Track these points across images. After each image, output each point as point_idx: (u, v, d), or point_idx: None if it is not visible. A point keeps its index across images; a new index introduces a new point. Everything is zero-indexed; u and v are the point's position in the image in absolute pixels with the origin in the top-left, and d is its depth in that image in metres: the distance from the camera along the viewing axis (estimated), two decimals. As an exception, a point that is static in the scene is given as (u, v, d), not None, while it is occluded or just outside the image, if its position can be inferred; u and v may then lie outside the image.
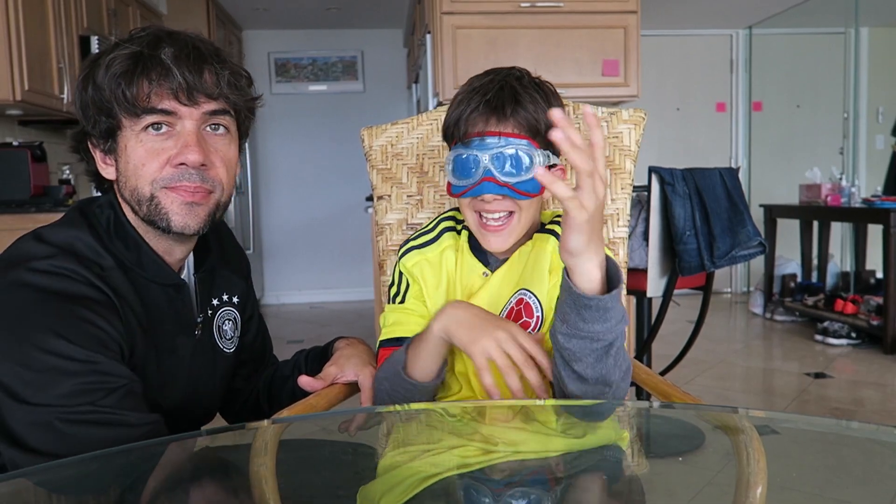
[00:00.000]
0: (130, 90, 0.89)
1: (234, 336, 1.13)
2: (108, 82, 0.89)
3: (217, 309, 1.09)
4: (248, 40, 5.83)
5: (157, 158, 0.91)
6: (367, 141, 1.32)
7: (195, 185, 0.92)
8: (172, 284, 0.98)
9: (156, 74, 0.89)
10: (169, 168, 0.92)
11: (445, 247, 1.12)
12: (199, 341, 1.04)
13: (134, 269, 0.94)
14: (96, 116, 0.92)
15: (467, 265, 1.11)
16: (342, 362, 1.15)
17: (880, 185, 5.24)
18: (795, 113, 6.03)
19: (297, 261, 6.06)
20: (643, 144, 1.23)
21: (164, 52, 0.90)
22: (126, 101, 0.89)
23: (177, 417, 1.00)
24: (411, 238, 1.16)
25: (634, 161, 1.23)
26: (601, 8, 3.60)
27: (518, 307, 1.05)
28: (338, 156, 5.92)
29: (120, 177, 0.94)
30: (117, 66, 0.89)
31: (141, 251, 0.95)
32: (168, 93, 0.90)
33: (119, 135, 0.92)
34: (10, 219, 2.92)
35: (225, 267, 1.12)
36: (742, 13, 5.51)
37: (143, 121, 0.90)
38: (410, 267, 1.12)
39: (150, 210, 0.93)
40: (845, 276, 5.00)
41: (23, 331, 0.82)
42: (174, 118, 0.91)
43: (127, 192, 0.94)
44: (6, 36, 2.92)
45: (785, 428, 0.90)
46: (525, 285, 1.06)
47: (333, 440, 0.87)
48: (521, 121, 1.00)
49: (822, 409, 3.00)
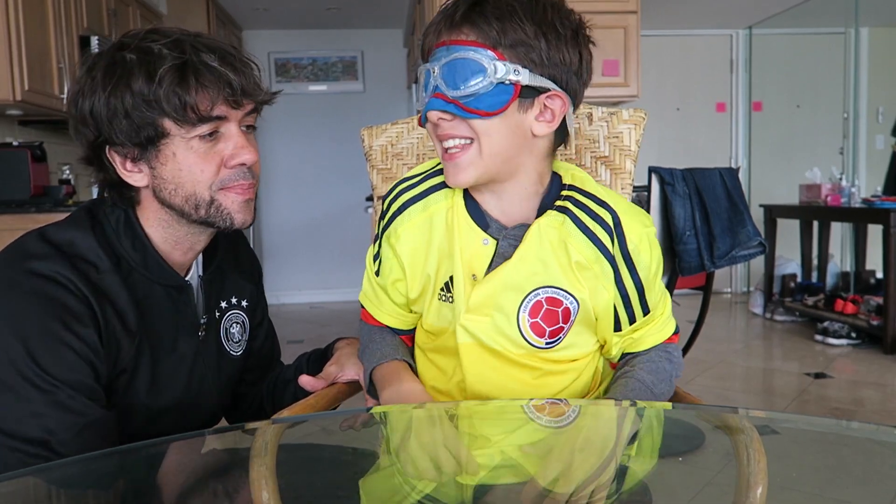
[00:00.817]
0: (188, 100, 0.89)
1: (241, 339, 1.14)
2: (160, 93, 0.88)
3: (225, 311, 1.10)
4: (248, 40, 5.83)
5: (212, 162, 0.94)
6: (367, 141, 1.32)
7: (249, 182, 0.97)
8: (175, 286, 1.00)
9: (209, 82, 0.90)
10: (225, 170, 0.95)
11: (434, 210, 0.96)
12: (204, 342, 1.05)
13: (138, 269, 0.96)
14: (132, 125, 0.90)
15: (464, 231, 0.94)
16: (343, 361, 1.16)
17: (880, 185, 5.24)
18: (795, 113, 6.03)
19: (297, 261, 6.06)
20: (643, 144, 1.23)
21: (209, 57, 0.90)
22: (182, 111, 0.89)
23: (178, 417, 1.01)
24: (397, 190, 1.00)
25: (634, 161, 1.23)
26: (601, 8, 3.60)
27: (541, 302, 0.93)
28: (338, 156, 5.92)
29: (162, 183, 0.94)
30: (168, 76, 0.88)
31: (146, 252, 0.97)
32: (221, 99, 0.91)
33: (163, 142, 0.92)
34: (10, 219, 2.92)
35: (236, 271, 1.13)
36: (742, 13, 5.51)
37: (197, 129, 0.91)
38: (395, 242, 0.98)
39: (211, 212, 0.95)
40: (845, 276, 5.00)
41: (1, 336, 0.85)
42: (223, 122, 0.93)
43: (179, 198, 0.94)
44: (6, 36, 2.92)
45: (785, 428, 0.90)
46: (551, 282, 0.92)
47: (334, 441, 0.87)
48: (480, 27, 0.84)
49: (822, 409, 3.00)
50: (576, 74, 0.89)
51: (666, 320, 1.03)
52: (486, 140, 0.86)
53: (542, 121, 0.88)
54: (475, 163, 0.87)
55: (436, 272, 0.97)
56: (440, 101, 0.86)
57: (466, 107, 0.84)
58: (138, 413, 0.96)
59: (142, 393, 0.96)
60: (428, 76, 0.87)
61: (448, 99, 0.85)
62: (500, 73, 0.83)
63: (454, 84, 0.84)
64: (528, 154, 0.90)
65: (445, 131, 0.87)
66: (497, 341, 0.95)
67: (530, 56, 0.84)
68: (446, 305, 0.97)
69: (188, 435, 0.84)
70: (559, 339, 0.95)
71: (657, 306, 1.00)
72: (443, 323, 0.99)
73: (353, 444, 0.88)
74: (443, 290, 0.97)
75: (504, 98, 0.84)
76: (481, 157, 0.87)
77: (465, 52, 0.83)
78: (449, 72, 0.85)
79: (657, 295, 1.00)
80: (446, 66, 0.85)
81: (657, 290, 1.00)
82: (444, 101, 0.85)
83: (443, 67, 0.85)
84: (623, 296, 0.95)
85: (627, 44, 3.64)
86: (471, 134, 0.86)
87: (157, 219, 0.98)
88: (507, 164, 0.89)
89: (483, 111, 0.84)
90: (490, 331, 0.94)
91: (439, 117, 0.87)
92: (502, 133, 0.87)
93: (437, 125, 0.88)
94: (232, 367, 1.12)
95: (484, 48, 0.83)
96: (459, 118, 0.86)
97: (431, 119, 0.87)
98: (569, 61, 0.87)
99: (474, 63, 0.83)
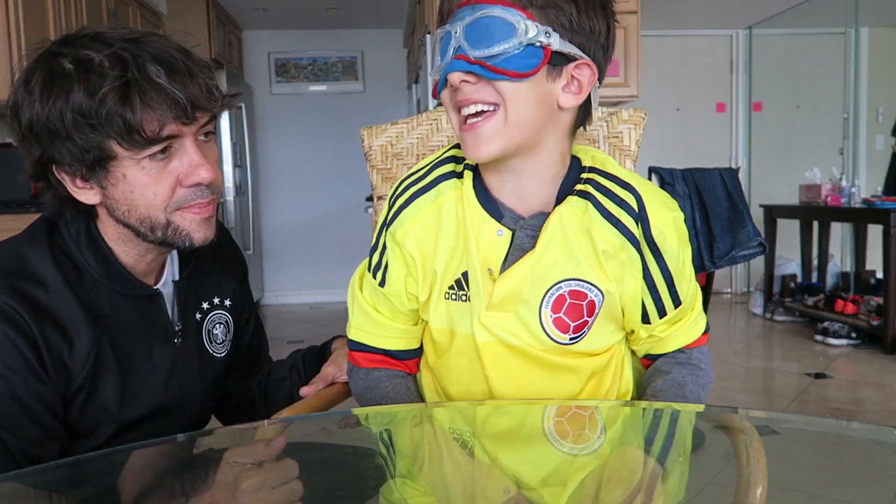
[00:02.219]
0: (133, 122, 0.82)
1: (226, 340, 1.11)
2: (102, 114, 0.82)
3: (207, 313, 1.07)
4: (248, 40, 5.82)
5: (165, 183, 0.88)
6: (367, 141, 1.32)
7: (208, 200, 0.91)
8: (143, 296, 0.97)
9: (156, 102, 0.83)
10: (181, 189, 0.89)
11: (443, 201, 0.89)
12: (182, 349, 1.02)
13: (102, 280, 0.93)
14: (76, 146, 0.84)
15: (476, 222, 0.88)
16: (340, 361, 1.15)
17: (880, 185, 5.23)
18: (795, 113, 6.02)
19: (297, 261, 6.05)
20: (643, 144, 1.23)
21: (154, 72, 0.83)
22: (128, 134, 0.83)
23: (158, 425, 0.98)
24: (403, 185, 0.94)
25: (634, 161, 1.22)
26: (601, 8, 3.59)
27: (564, 297, 0.87)
28: (338, 156, 5.92)
29: (115, 203, 0.90)
30: (110, 97, 0.81)
31: (109, 265, 0.93)
32: (169, 117, 0.84)
33: (111, 164, 0.86)
34: (10, 219, 2.92)
35: (218, 270, 1.10)
36: (742, 13, 5.51)
37: (147, 150, 0.85)
38: (401, 238, 0.91)
39: (168, 234, 0.91)
40: (845, 277, 5.00)
41: None
42: (175, 139, 0.87)
43: (133, 219, 0.90)
44: (6, 36, 2.91)
45: (785, 428, 0.90)
46: (575, 274, 0.86)
47: (333, 440, 0.87)
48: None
49: (822, 410, 3.00)
50: (602, 47, 0.83)
51: (696, 318, 0.96)
52: (513, 106, 0.79)
53: (570, 92, 0.82)
54: (500, 133, 0.80)
55: (444, 269, 0.90)
56: (463, 62, 0.78)
57: (494, 67, 0.77)
58: (109, 424, 0.93)
59: (111, 406, 0.92)
60: (447, 39, 0.80)
61: (472, 60, 0.77)
62: (530, 33, 0.76)
63: (480, 44, 0.77)
64: (552, 129, 0.84)
65: (468, 96, 0.79)
66: (521, 338, 0.89)
67: (560, 20, 0.78)
68: (457, 304, 0.91)
69: (190, 434, 0.84)
70: (583, 334, 0.90)
71: (688, 299, 0.94)
72: (452, 324, 0.92)
73: (353, 444, 0.88)
74: (452, 288, 0.91)
75: (534, 62, 0.78)
76: (507, 125, 0.79)
77: (493, 10, 0.76)
78: (473, 31, 0.77)
79: (688, 286, 0.93)
80: (470, 26, 0.77)
81: (687, 280, 0.92)
82: (467, 63, 0.78)
83: (466, 27, 0.78)
84: (650, 287, 0.89)
85: (627, 44, 3.64)
86: (496, 99, 0.79)
87: (117, 233, 0.93)
88: (531, 138, 0.82)
89: (512, 72, 0.77)
90: (514, 328, 0.89)
91: (462, 79, 0.79)
92: (530, 100, 0.79)
93: (458, 89, 0.80)
94: (216, 369, 1.09)
95: (513, 7, 0.77)
96: (485, 80, 0.79)
97: (453, 82, 0.79)
98: (598, 30, 0.82)
99: (503, 21, 0.76)
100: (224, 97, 0.91)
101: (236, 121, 4.99)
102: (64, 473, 0.75)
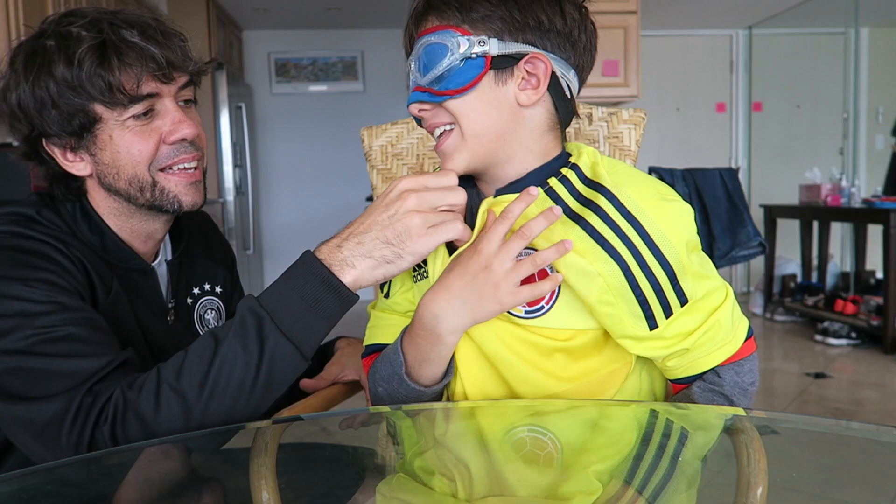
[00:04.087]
0: (112, 81, 0.86)
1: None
2: (82, 77, 0.86)
3: (198, 298, 1.09)
4: (248, 40, 5.83)
5: (150, 140, 0.92)
6: (367, 141, 1.32)
7: (192, 155, 0.95)
8: (138, 269, 0.99)
9: (132, 59, 0.87)
10: (165, 146, 0.93)
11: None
12: (174, 329, 1.03)
13: (98, 252, 0.95)
14: (63, 114, 0.88)
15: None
16: (344, 361, 1.15)
17: (880, 185, 5.24)
18: (795, 113, 6.03)
19: (297, 261, 6.05)
20: (643, 144, 1.23)
21: (129, 33, 0.88)
22: (110, 93, 0.87)
23: None
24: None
25: (634, 161, 1.23)
26: (601, 8, 3.58)
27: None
28: (338, 156, 5.92)
29: (105, 169, 0.93)
30: (88, 58, 0.86)
31: (104, 236, 0.96)
32: (149, 75, 0.88)
33: (98, 127, 0.90)
34: (10, 219, 2.92)
35: (207, 257, 1.13)
36: (742, 13, 5.51)
37: (130, 110, 0.89)
38: None
39: (156, 195, 0.94)
40: (845, 277, 5.01)
41: None
42: (156, 99, 0.91)
43: (122, 182, 0.93)
44: (6, 36, 2.92)
45: (785, 428, 0.90)
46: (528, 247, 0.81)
47: (333, 440, 0.87)
48: (442, 11, 0.82)
49: (822, 410, 3.00)
50: (563, 35, 0.83)
51: (730, 328, 0.85)
52: (465, 121, 0.83)
53: (528, 88, 0.83)
54: (459, 147, 0.84)
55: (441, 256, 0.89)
56: (417, 92, 0.84)
57: (437, 90, 0.82)
58: None
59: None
60: (409, 75, 0.86)
61: (423, 88, 0.84)
62: (463, 48, 0.80)
63: (425, 71, 0.83)
64: (522, 128, 0.84)
65: (429, 122, 0.86)
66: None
67: (495, 25, 0.81)
68: (419, 285, 0.90)
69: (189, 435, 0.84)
70: (542, 309, 0.84)
71: (701, 298, 0.83)
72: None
73: (353, 444, 0.88)
74: (416, 269, 0.91)
75: (474, 73, 0.81)
76: (464, 139, 0.83)
77: (430, 38, 0.82)
78: (420, 62, 0.83)
79: (694, 283, 0.83)
80: (418, 58, 0.84)
81: (693, 273, 0.83)
82: (419, 92, 0.84)
83: (415, 61, 0.84)
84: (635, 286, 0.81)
85: (627, 44, 3.64)
86: (450, 118, 0.83)
87: (109, 207, 0.97)
88: (497, 144, 0.84)
89: (452, 90, 0.81)
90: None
91: (420, 109, 0.85)
92: (480, 110, 0.82)
93: (423, 118, 0.86)
94: None
95: (446, 29, 0.81)
96: (437, 105, 0.84)
97: (413, 113, 0.86)
98: (547, 22, 0.81)
99: (438, 45, 0.81)
100: (200, 62, 0.95)
101: (236, 121, 4.98)
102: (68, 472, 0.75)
